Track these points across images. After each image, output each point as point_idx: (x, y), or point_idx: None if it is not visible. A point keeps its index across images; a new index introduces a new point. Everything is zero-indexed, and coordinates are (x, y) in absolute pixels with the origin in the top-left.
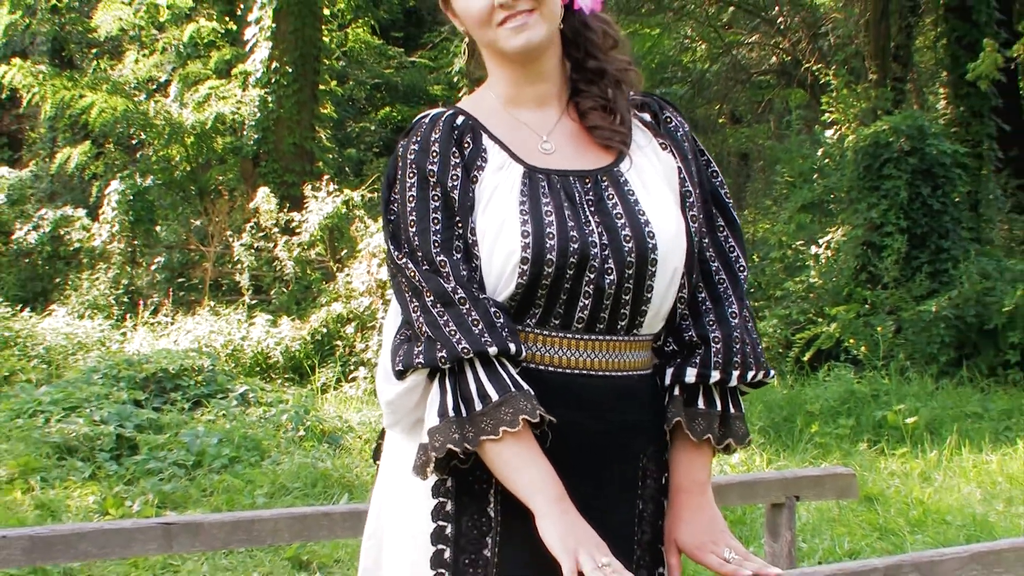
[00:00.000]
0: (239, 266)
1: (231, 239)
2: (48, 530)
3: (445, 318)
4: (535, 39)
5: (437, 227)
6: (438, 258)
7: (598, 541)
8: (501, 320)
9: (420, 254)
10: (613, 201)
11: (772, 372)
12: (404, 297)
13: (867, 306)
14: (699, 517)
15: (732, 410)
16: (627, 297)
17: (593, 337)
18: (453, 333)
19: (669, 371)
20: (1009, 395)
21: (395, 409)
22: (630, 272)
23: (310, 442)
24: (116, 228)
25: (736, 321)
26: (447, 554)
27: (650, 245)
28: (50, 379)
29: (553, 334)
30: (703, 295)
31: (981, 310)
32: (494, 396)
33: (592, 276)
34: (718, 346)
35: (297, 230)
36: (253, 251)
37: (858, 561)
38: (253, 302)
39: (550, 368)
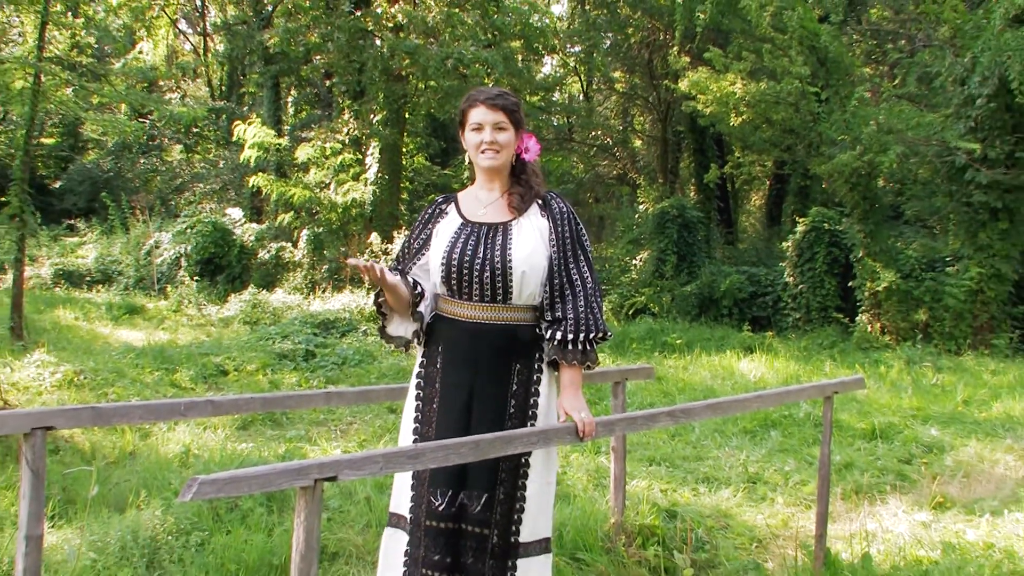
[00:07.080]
0: None
1: (359, 257)
2: (272, 395)
3: None
4: (495, 164)
5: (405, 249)
6: (395, 260)
7: None
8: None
9: (394, 259)
10: (500, 239)
11: (610, 333)
12: None
13: (659, 289)
14: (571, 398)
15: (588, 348)
16: (498, 285)
17: (484, 303)
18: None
19: (544, 332)
20: (723, 329)
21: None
22: (498, 273)
23: (396, 353)
24: (305, 252)
25: (583, 310)
26: (420, 394)
27: (508, 260)
28: (275, 322)
29: (464, 301)
30: (568, 293)
31: (710, 290)
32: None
33: (476, 275)
34: (569, 323)
35: (390, 253)
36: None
37: (655, 408)
38: (368, 287)
39: (462, 319)
